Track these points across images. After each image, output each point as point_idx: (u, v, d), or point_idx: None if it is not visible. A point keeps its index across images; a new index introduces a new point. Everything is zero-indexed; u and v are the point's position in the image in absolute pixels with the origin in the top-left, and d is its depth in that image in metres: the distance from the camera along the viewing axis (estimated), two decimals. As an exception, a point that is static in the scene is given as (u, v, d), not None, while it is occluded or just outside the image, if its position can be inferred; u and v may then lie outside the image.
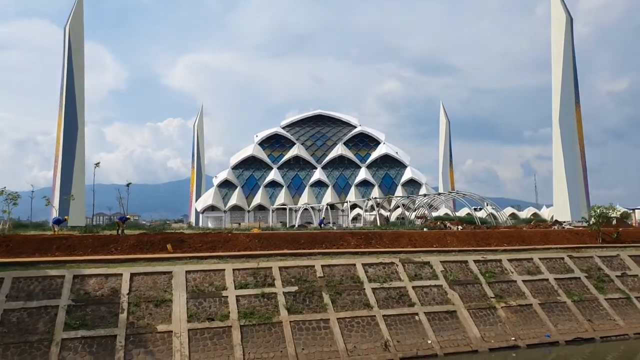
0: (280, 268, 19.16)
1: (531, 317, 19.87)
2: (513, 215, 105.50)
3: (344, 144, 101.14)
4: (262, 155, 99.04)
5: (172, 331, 15.60)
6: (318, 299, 18.33)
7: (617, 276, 23.06)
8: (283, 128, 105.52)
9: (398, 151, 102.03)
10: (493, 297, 20.33)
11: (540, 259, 23.23)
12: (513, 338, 18.64)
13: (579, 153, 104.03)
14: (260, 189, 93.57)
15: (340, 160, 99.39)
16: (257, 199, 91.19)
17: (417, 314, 18.70)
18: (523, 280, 21.61)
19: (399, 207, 66.40)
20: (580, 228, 33.69)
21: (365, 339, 17.30)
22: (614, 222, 33.39)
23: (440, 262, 21.64)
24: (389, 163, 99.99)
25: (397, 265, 20.85)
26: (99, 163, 45.28)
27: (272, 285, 18.37)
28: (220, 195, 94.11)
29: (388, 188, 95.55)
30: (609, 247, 25.79)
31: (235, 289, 17.81)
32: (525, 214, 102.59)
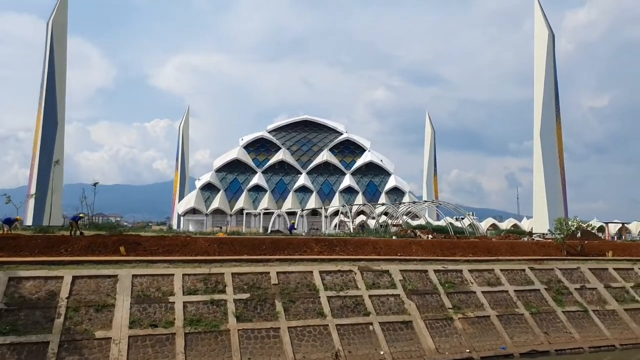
0: (233, 274, 18.65)
1: (488, 329, 19.69)
2: (493, 226, 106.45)
3: (330, 150, 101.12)
4: (247, 158, 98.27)
5: (111, 338, 14.97)
6: (270, 306, 17.87)
7: (576, 289, 23.08)
8: (269, 132, 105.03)
9: (383, 159, 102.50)
10: (451, 308, 20.11)
11: (501, 270, 23.15)
12: (468, 350, 18.41)
13: (558, 166, 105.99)
14: (244, 193, 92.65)
15: (326, 166, 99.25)
16: (240, 203, 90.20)
17: (371, 323, 18.36)
18: (482, 292, 21.45)
19: (384, 214, 66.48)
20: (549, 240, 33.87)
21: (316, 348, 16.89)
22: (578, 234, 33.63)
23: (400, 271, 21.38)
24: (374, 171, 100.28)
25: (355, 274, 20.51)
26: (58, 161, 44.16)
27: (223, 291, 17.85)
28: (202, 198, 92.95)
29: (372, 195, 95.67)
30: (571, 259, 25.86)
31: (183, 294, 17.24)
32: (505, 225, 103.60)
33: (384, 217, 57.95)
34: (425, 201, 69.66)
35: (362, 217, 68.66)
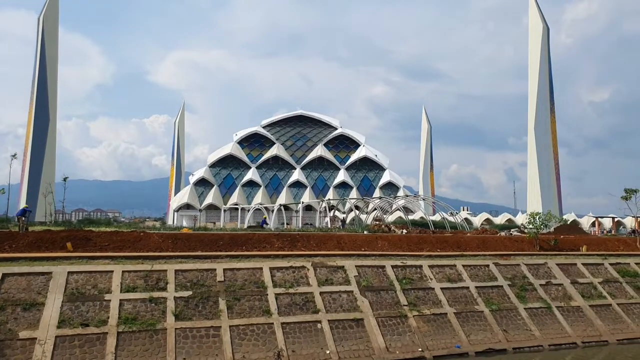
0: (176, 271, 18.03)
1: (444, 327, 19.06)
2: (488, 221, 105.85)
3: (324, 145, 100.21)
4: (241, 154, 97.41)
5: (36, 338, 14.38)
6: (213, 305, 17.26)
7: (541, 285, 22.42)
8: (264, 127, 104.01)
9: (377, 154, 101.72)
10: (406, 305, 19.48)
11: (464, 265, 22.49)
12: (420, 349, 17.80)
13: (552, 160, 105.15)
14: (238, 188, 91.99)
15: (320, 162, 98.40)
16: (234, 198, 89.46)
17: (320, 321, 17.75)
18: (442, 288, 20.81)
19: (375, 209, 65.88)
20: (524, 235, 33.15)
21: (258, 348, 16.29)
22: (552, 229, 32.95)
23: (356, 266, 20.74)
24: (368, 165, 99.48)
25: (308, 270, 19.88)
26: (15, 154, 43.98)
27: (164, 289, 17.24)
28: (196, 193, 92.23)
29: (366, 190, 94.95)
30: (539, 255, 25.18)
31: (121, 292, 16.63)
32: (500, 219, 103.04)
33: (376, 212, 57.37)
34: (407, 195, 69.00)
35: (341, 213, 67.98)
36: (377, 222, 42.73)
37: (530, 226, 28.36)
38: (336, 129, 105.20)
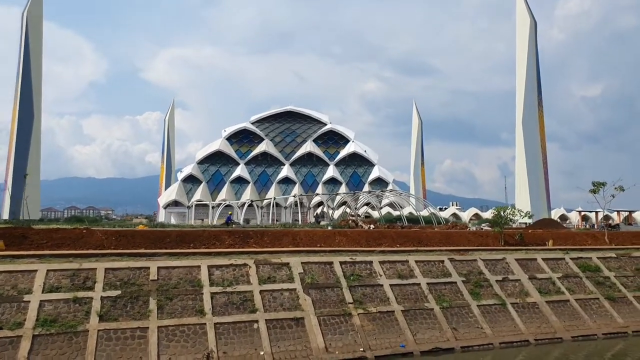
0: (107, 270, 17.25)
1: (390, 325, 18.36)
2: (476, 216, 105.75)
3: (314, 141, 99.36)
4: (229, 150, 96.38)
5: (-59, 342, 13.62)
6: (143, 304, 16.49)
7: (497, 281, 21.75)
8: (252, 123, 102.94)
9: (367, 149, 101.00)
10: (351, 303, 18.77)
11: (417, 261, 21.79)
12: (362, 349, 17.10)
13: (540, 154, 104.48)
14: (226, 184, 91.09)
15: (309, 158, 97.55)
16: (223, 195, 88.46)
17: (257, 321, 17.02)
18: (391, 285, 20.10)
19: (366, 204, 65.27)
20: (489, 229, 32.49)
21: (186, 349, 15.55)
22: (517, 223, 32.24)
23: (302, 263, 19.99)
24: (357, 161, 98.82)
25: (250, 267, 19.13)
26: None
27: (91, 288, 16.46)
28: (184, 190, 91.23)
29: (355, 186, 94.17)
30: (499, 250, 24.51)
31: (43, 292, 15.84)
32: (488, 214, 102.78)
33: (365, 208, 56.55)
34: (383, 191, 68.19)
35: (331, 209, 67.25)
36: (345, 218, 41.99)
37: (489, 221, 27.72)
38: (325, 124, 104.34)
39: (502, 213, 27.42)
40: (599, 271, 23.81)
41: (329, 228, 30.79)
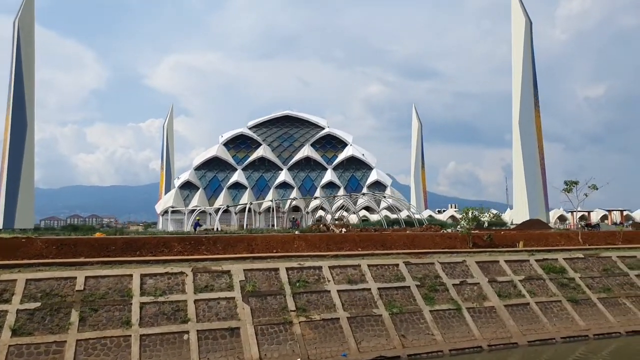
0: (28, 280, 16.40)
1: (333, 333, 17.42)
2: (452, 218, 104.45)
3: (311, 145, 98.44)
4: (227, 156, 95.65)
5: None
6: (63, 317, 15.62)
7: (454, 285, 20.77)
8: (250, 129, 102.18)
9: (365, 153, 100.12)
10: (294, 311, 17.84)
11: (370, 265, 20.85)
12: (299, 359, 16.18)
13: (537, 155, 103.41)
14: (224, 190, 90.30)
15: (307, 162, 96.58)
16: (220, 201, 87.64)
17: (187, 332, 16.11)
18: (339, 290, 19.16)
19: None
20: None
21: (106, 364, 14.66)
22: (480, 224, 31.28)
23: (244, 270, 19.09)
24: (355, 165, 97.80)
25: (186, 276, 18.24)
26: None
27: (8, 301, 15.60)
28: (181, 197, 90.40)
29: (354, 190, 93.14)
30: (460, 252, 23.54)
31: (-46, 306, 15.03)
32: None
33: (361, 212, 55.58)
34: (364, 193, 67.34)
35: (327, 214, 66.30)
36: (316, 222, 41.10)
37: (463, 222, 26.82)
38: (323, 128, 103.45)
39: (469, 214, 26.45)
40: (564, 272, 22.80)
41: (296, 232, 29.86)
